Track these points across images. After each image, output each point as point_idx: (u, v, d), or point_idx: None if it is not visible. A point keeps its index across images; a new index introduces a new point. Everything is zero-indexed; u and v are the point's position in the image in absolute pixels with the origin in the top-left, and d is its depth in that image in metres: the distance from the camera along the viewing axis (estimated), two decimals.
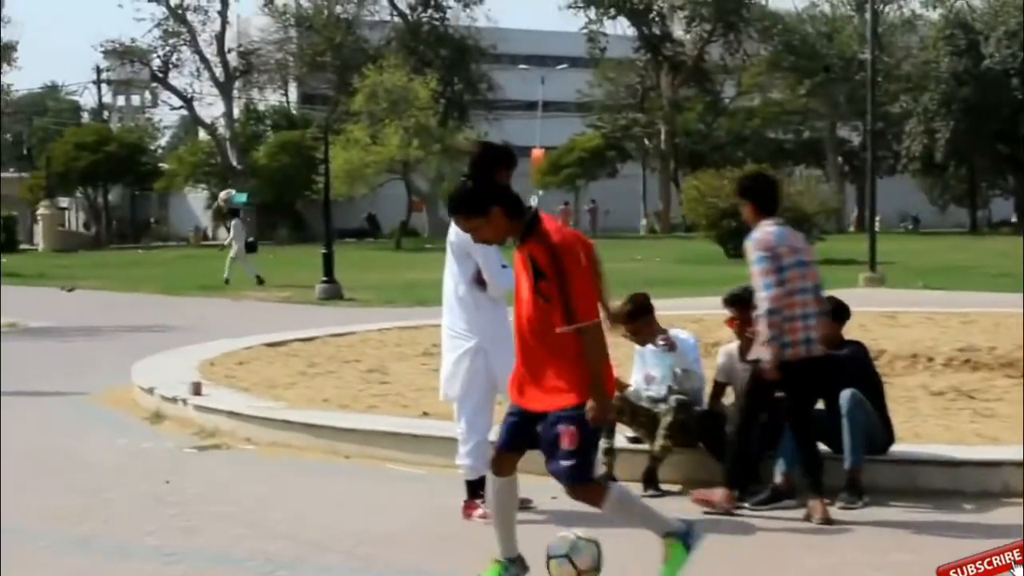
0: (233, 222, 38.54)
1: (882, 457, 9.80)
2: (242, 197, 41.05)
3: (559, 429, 6.98)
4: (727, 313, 10.50)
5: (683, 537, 7.20)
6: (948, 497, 9.42)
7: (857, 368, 9.91)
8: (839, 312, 10.17)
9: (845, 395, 9.60)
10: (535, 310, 7.07)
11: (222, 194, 42.67)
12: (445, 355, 9.31)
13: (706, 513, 9.08)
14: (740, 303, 10.17)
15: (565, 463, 7.00)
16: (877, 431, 9.80)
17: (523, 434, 7.23)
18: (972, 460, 9.74)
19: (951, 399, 12.58)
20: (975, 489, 9.44)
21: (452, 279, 9.19)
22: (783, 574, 7.76)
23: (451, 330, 9.23)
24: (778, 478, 9.50)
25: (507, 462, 7.37)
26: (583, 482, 7.09)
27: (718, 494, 9.22)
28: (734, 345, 10.40)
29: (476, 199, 7.15)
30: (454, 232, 8.96)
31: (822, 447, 9.98)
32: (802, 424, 9.25)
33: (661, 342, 10.06)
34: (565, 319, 6.91)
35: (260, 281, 35.98)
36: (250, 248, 39.10)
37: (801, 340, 8.83)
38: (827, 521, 8.85)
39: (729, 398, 10.42)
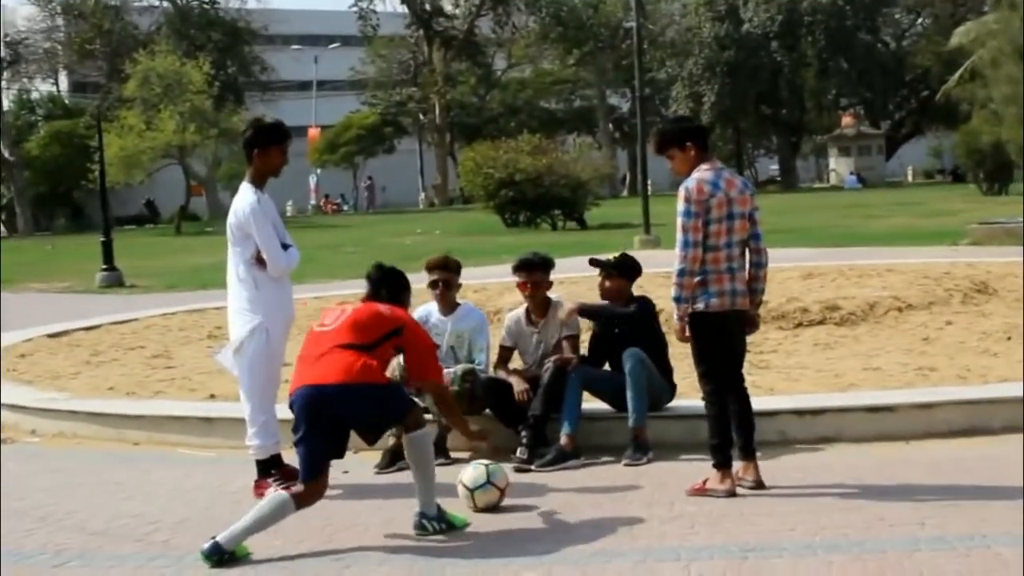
0: None
1: (666, 413, 9.93)
2: None
3: None
4: (510, 280, 10.54)
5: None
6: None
7: (644, 324, 10.01)
8: (630, 269, 10.30)
9: (628, 355, 9.66)
10: None
11: None
12: (231, 330, 9.15)
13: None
14: (529, 267, 10.30)
15: None
16: (661, 389, 9.91)
17: None
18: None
19: None
20: (757, 438, 9.54)
21: (232, 260, 9.08)
22: (574, 529, 7.79)
23: (234, 309, 9.09)
24: (563, 439, 9.56)
25: None
26: None
27: (712, 480, 8.49)
28: (521, 310, 10.47)
29: None
30: (232, 214, 8.98)
31: (606, 407, 10.09)
32: (716, 379, 8.55)
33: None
34: None
35: None
36: None
37: (727, 291, 8.43)
38: (759, 485, 8.50)
39: (516, 363, 10.46)
